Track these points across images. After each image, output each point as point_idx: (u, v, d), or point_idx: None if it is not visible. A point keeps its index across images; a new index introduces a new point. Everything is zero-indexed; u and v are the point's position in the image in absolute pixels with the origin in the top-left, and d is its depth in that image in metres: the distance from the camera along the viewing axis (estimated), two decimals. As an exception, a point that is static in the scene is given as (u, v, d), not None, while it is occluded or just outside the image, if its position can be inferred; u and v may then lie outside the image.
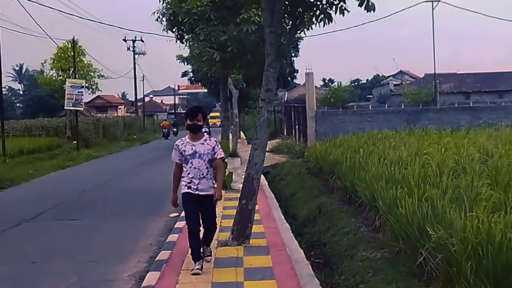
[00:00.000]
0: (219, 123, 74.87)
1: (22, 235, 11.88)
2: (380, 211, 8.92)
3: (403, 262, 7.34)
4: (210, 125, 71.97)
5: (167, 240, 10.28)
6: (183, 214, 12.62)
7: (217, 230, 10.75)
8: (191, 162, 7.88)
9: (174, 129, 54.89)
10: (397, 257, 7.67)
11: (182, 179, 8.04)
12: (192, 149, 7.89)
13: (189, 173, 7.92)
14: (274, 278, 7.37)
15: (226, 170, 15.73)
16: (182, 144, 7.99)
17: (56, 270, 8.89)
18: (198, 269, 7.86)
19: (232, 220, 9.75)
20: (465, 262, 5.60)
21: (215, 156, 7.98)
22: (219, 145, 8.15)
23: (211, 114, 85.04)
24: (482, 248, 5.60)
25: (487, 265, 5.46)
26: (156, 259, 8.97)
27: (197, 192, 7.86)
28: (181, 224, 11.59)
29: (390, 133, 20.18)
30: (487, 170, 10.21)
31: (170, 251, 9.31)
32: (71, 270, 8.76)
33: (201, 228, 8.15)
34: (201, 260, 8.00)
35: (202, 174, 7.89)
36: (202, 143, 7.94)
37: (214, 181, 8.02)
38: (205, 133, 8.20)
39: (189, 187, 7.92)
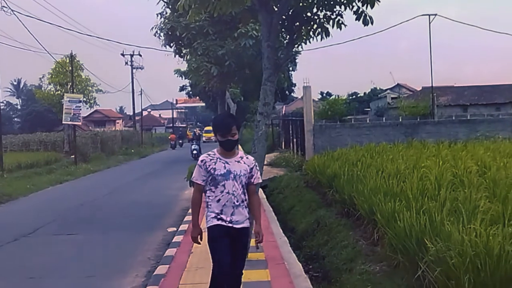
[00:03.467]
0: (214, 137, 75.32)
1: (20, 250, 11.85)
2: (379, 224, 8.91)
3: (402, 275, 7.33)
4: (204, 139, 72.20)
5: (165, 255, 10.26)
6: (181, 228, 12.71)
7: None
8: (223, 185, 5.98)
9: (180, 141, 60.89)
10: (396, 270, 7.65)
11: (207, 208, 6.09)
12: (225, 167, 6.02)
13: (219, 200, 5.99)
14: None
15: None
16: (210, 160, 6.07)
17: (54, 285, 8.88)
18: None
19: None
20: (464, 275, 5.60)
21: (252, 180, 6.17)
22: (257, 166, 6.43)
23: (206, 128, 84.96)
24: (480, 261, 5.60)
25: (486, 278, 5.46)
26: (154, 273, 8.96)
27: (230, 225, 5.98)
28: (179, 238, 11.59)
29: (388, 146, 20.17)
30: (485, 182, 10.22)
31: (168, 266, 9.29)
32: (69, 285, 8.76)
33: None
34: None
35: (237, 201, 6.01)
36: (238, 161, 6.13)
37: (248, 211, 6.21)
38: (238, 150, 6.31)
39: (219, 219, 5.99)
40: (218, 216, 5.98)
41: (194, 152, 37.27)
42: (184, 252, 10.22)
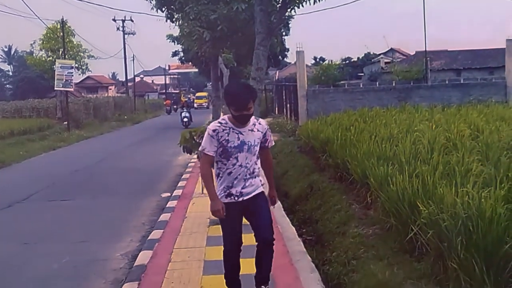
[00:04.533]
0: (206, 104, 74.69)
1: (13, 216, 11.88)
2: (372, 188, 8.94)
3: (395, 238, 7.37)
4: (196, 106, 71.85)
5: (159, 220, 10.30)
6: (175, 193, 12.74)
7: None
8: (236, 158, 5.55)
9: (174, 107, 60.62)
10: (389, 233, 7.70)
11: (217, 178, 5.70)
12: (238, 138, 5.53)
13: (230, 173, 5.58)
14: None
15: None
16: (223, 130, 5.52)
17: (48, 250, 8.90)
18: None
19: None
20: (456, 237, 5.63)
21: (266, 144, 5.82)
22: (269, 129, 5.94)
23: (197, 94, 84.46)
24: (472, 223, 5.63)
25: (478, 240, 5.49)
26: (149, 238, 9.01)
27: (241, 199, 5.62)
28: (173, 203, 11.63)
29: (381, 110, 20.16)
30: (478, 146, 10.24)
31: (162, 230, 9.34)
32: (63, 250, 8.78)
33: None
34: None
35: (250, 174, 5.65)
36: (251, 129, 5.62)
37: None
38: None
39: (229, 194, 5.62)
40: (228, 191, 5.60)
41: (185, 120, 35.68)
42: (178, 217, 10.27)
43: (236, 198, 5.60)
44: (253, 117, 5.63)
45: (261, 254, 5.75)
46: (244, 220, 5.75)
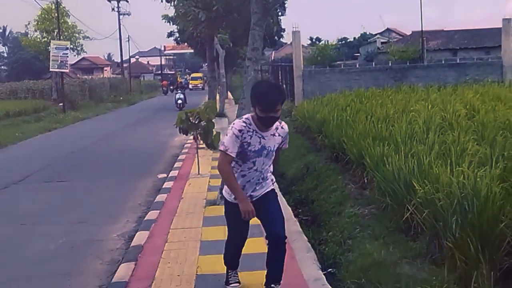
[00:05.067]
0: (201, 85, 74.01)
1: (10, 198, 11.88)
2: (367, 168, 8.96)
3: (390, 218, 7.41)
4: (191, 87, 71.14)
5: (155, 200, 10.31)
6: (171, 174, 12.75)
7: (206, 189, 10.89)
8: (253, 162, 5.24)
9: (171, 87, 58.17)
10: (384, 213, 7.73)
11: None
12: (260, 143, 5.18)
13: (244, 175, 5.28)
14: (262, 235, 7.41)
15: (214, 130, 15.71)
16: (247, 131, 5.13)
17: (45, 231, 8.91)
18: (236, 282, 5.78)
19: (220, 180, 9.73)
20: (451, 217, 5.65)
21: (281, 146, 5.48)
22: (288, 135, 5.53)
23: (193, 75, 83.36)
24: (468, 202, 5.65)
25: (473, 219, 5.51)
26: (145, 219, 9.01)
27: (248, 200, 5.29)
28: (169, 184, 11.64)
29: (377, 90, 20.19)
30: (474, 125, 10.28)
31: (159, 211, 9.35)
32: (60, 231, 8.79)
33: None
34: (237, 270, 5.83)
35: (263, 178, 5.41)
36: (273, 134, 5.26)
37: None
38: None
39: None
40: None
41: (179, 101, 33.83)
42: (174, 198, 10.29)
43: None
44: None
45: (273, 253, 5.32)
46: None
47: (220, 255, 5.87)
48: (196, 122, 12.64)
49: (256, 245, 6.70)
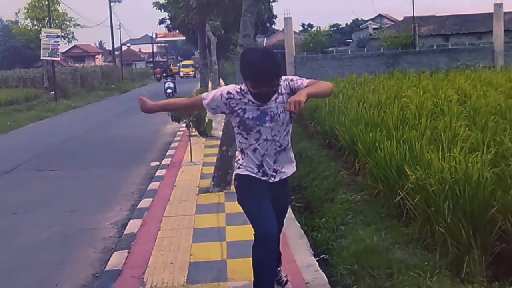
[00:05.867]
0: (193, 72, 73.44)
1: (2, 187, 11.83)
2: (360, 154, 8.97)
3: (382, 204, 7.43)
4: (182, 75, 70.47)
5: (148, 188, 10.29)
6: (164, 162, 12.74)
7: (198, 177, 10.89)
8: (258, 131, 4.48)
9: (164, 74, 57.71)
10: (376, 199, 7.76)
11: (242, 155, 4.66)
12: (258, 109, 4.44)
13: (255, 149, 4.56)
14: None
15: (206, 117, 15.70)
16: (239, 99, 4.48)
17: (38, 220, 8.90)
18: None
19: (213, 167, 9.75)
20: (443, 202, 5.66)
21: (297, 86, 4.42)
22: (296, 77, 4.58)
23: (183, 63, 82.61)
24: (459, 187, 5.66)
25: (464, 204, 5.53)
26: (138, 207, 9.00)
27: (272, 180, 4.63)
28: (162, 172, 11.63)
29: (369, 77, 20.17)
30: (465, 111, 10.29)
31: (151, 199, 9.34)
32: (53, 220, 8.78)
33: None
34: None
35: (281, 145, 4.64)
36: (275, 99, 4.45)
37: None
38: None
39: (264, 173, 4.61)
40: (259, 170, 4.60)
41: (168, 91, 31.24)
42: (167, 186, 10.28)
43: (273, 179, 4.62)
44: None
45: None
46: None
47: (213, 242, 5.88)
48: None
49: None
